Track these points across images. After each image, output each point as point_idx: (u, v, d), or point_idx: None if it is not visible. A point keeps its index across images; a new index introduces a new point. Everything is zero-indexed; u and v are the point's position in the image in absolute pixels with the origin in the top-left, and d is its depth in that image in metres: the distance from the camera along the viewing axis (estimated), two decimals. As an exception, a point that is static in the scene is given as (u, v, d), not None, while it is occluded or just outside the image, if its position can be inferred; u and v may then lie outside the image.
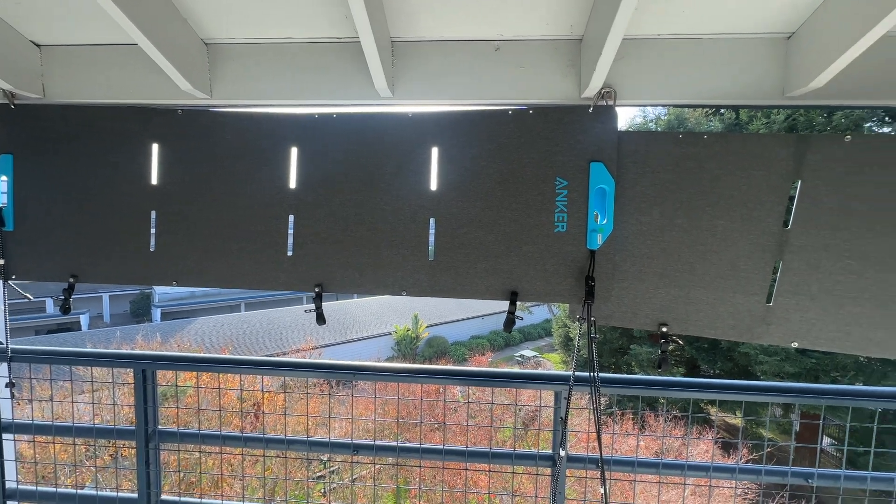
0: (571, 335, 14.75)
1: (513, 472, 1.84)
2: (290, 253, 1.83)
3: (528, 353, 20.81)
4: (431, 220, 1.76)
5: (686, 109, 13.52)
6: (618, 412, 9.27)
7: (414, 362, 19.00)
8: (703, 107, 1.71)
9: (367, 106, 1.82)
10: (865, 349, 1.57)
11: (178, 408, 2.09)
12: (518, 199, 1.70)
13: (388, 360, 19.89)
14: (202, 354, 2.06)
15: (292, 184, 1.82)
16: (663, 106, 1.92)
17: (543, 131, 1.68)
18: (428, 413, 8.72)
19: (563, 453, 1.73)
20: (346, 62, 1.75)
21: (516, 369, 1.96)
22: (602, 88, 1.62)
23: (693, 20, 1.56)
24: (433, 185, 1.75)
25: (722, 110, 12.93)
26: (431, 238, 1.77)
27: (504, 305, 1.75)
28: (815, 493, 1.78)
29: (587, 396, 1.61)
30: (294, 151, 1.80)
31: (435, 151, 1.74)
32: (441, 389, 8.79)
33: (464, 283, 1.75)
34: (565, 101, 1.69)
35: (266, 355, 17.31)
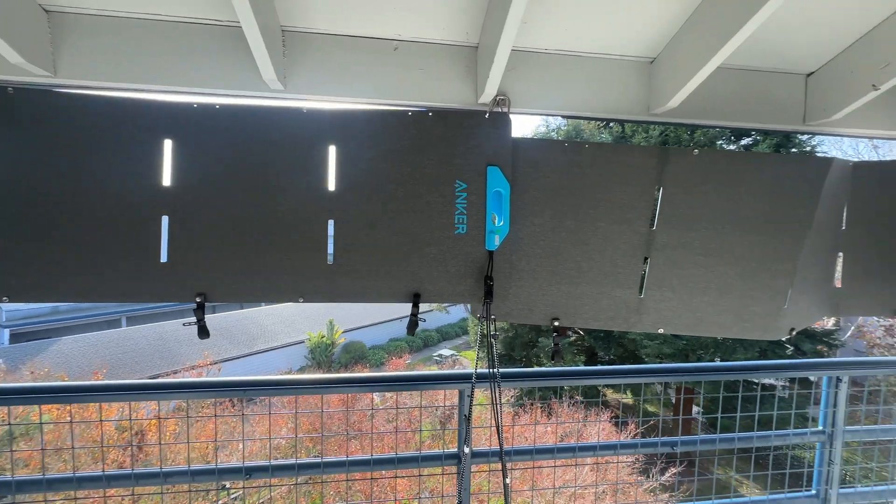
0: (486, 332, 15.38)
1: (419, 475, 1.84)
2: (164, 259, 1.60)
3: (445, 352, 21.21)
4: (330, 222, 1.67)
5: (582, 122, 14.93)
6: (528, 402, 9.87)
7: (329, 370, 18.21)
8: (584, 118, 1.89)
9: (256, 98, 1.68)
10: (713, 331, 1.86)
11: (11, 451, 1.69)
12: (419, 200, 1.69)
13: (301, 370, 18.80)
14: (46, 384, 1.71)
15: (166, 181, 1.60)
16: (551, 116, 2.09)
17: (443, 134, 1.70)
18: (344, 423, 8.40)
19: (467, 450, 1.76)
20: (230, 48, 1.59)
21: (421, 371, 1.95)
22: (497, 96, 1.69)
23: (574, 39, 1.70)
24: (331, 186, 1.67)
25: (611, 124, 14.52)
26: (330, 240, 1.69)
27: (422, 306, 1.73)
28: (683, 457, 2.05)
29: (498, 391, 1.67)
30: (168, 144, 1.59)
31: (332, 150, 1.66)
32: (358, 397, 8.52)
33: (365, 286, 1.69)
34: (464, 106, 1.73)
35: (151, 376, 15.22)
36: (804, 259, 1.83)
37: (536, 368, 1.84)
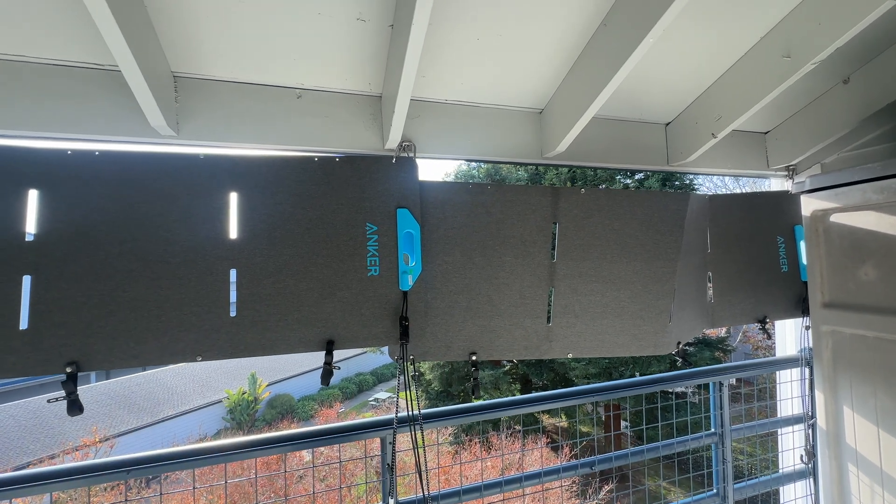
0: (422, 370, 15.07)
1: (342, 538, 1.70)
2: (24, 326, 1.38)
3: (382, 395, 20.30)
4: (232, 272, 1.58)
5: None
6: (466, 438, 9.72)
7: (251, 429, 16.43)
8: (486, 161, 2.04)
9: (146, 145, 1.58)
10: (614, 351, 2.02)
11: None
12: (329, 244, 1.67)
13: (218, 433, 16.73)
14: None
15: (29, 235, 1.41)
16: (455, 160, 2.24)
17: (351, 179, 1.72)
18: (268, 488, 7.55)
19: (392, 502, 1.68)
20: (114, 93, 1.49)
21: (341, 422, 1.86)
22: (402, 142, 1.77)
23: (470, 91, 1.86)
24: (233, 234, 1.59)
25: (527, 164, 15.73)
26: (233, 291, 1.59)
27: (348, 350, 1.66)
28: (620, 471, 2.13)
29: (436, 431, 1.63)
30: (32, 195, 1.42)
31: (234, 197, 1.60)
32: (287, 458, 7.76)
33: (273, 337, 1.60)
34: (371, 151, 1.78)
35: (18, 466, 12.51)
36: (680, 279, 2.09)
37: (459, 405, 1.85)
